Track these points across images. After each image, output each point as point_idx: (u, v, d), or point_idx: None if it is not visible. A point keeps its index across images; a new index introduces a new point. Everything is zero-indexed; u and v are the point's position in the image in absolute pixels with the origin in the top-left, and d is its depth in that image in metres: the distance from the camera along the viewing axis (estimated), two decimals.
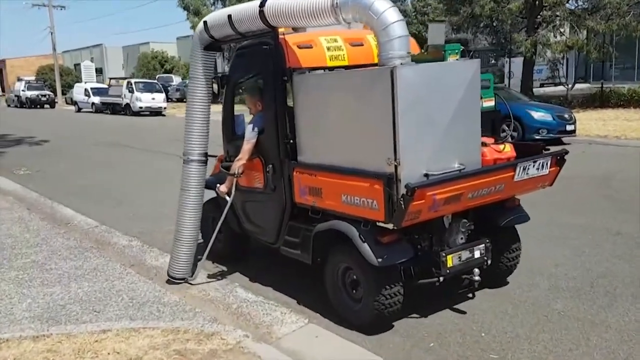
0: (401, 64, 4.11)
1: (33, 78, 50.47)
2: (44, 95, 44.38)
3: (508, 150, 4.89)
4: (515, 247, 5.31)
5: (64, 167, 13.59)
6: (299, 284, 5.63)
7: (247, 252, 6.46)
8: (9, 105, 47.85)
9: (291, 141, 4.95)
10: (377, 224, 4.35)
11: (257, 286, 5.68)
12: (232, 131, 5.78)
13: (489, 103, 5.12)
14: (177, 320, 4.75)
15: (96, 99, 37.85)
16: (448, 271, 4.57)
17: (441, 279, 4.56)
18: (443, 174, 4.24)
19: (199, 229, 5.78)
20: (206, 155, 5.68)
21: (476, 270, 4.74)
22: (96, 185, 11.67)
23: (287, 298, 5.35)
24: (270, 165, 5.14)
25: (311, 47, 5.05)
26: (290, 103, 5.01)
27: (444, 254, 4.55)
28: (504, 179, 4.58)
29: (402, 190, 3.99)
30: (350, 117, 4.45)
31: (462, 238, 4.79)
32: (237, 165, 5.33)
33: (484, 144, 4.78)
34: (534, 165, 4.69)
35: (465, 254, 4.68)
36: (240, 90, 5.85)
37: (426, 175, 4.18)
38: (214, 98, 5.65)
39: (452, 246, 4.72)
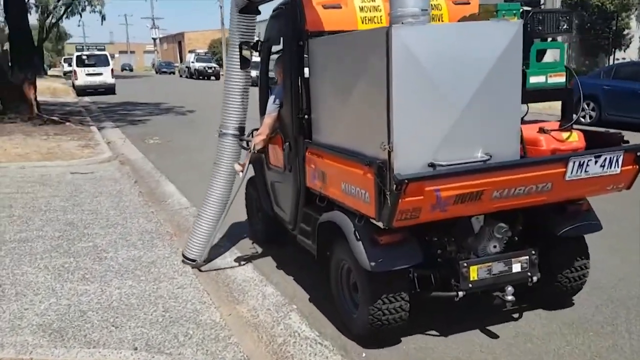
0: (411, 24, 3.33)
1: (203, 51, 52.85)
2: (210, 68, 46.14)
3: (575, 139, 3.93)
4: (581, 265, 4.22)
5: (194, 140, 13.22)
6: None
7: (285, 238, 5.48)
8: (180, 76, 50.67)
9: (306, 117, 4.36)
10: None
11: (318, 314, 4.39)
12: (266, 104, 5.06)
13: (557, 79, 4.00)
14: (200, 354, 3.62)
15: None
16: (470, 285, 3.73)
17: (461, 294, 3.71)
18: (457, 164, 3.39)
19: (225, 208, 5.20)
20: (243, 130, 5.16)
21: (509, 289, 3.81)
22: None
23: (351, 342, 3.99)
24: (287, 143, 4.62)
25: (339, 7, 4.38)
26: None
27: (465, 264, 3.71)
28: (550, 176, 3.56)
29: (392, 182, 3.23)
30: (350, 89, 3.72)
31: (495, 246, 3.87)
32: (256, 140, 4.92)
33: (542, 130, 3.91)
34: (596, 161, 3.61)
35: (497, 267, 3.80)
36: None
37: (432, 165, 3.38)
38: (242, 65, 4.95)
39: (481, 255, 3.84)
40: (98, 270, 5.08)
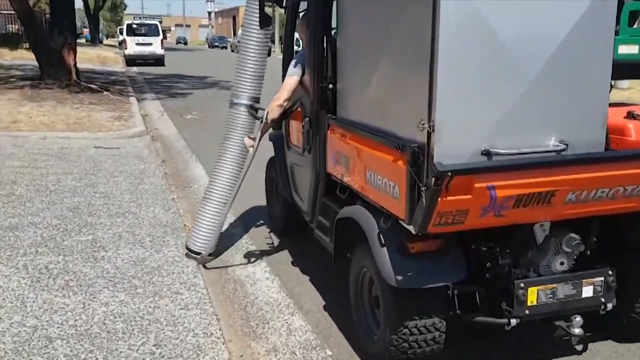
0: None
1: None
2: None
3: None
4: None
5: None
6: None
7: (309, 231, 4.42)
8: (232, 51, 49.89)
9: (330, 87, 3.63)
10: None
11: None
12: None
13: None
14: None
15: None
16: (527, 312, 2.90)
17: (514, 321, 2.88)
18: (521, 154, 2.62)
19: (233, 191, 4.41)
20: (258, 100, 4.34)
21: (577, 319, 2.96)
22: None
23: None
24: (307, 119, 3.88)
25: None
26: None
27: (522, 284, 2.88)
28: None
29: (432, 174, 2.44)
30: (384, 51, 2.95)
31: (563, 263, 3.02)
32: (271, 106, 4.08)
33: (631, 116, 3.30)
34: None
35: (564, 289, 2.96)
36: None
37: (486, 153, 2.59)
38: (262, 23, 4.16)
39: (543, 273, 3.00)
40: (88, 275, 4.08)
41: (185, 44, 74.08)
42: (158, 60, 28.17)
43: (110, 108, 12.20)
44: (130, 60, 28.01)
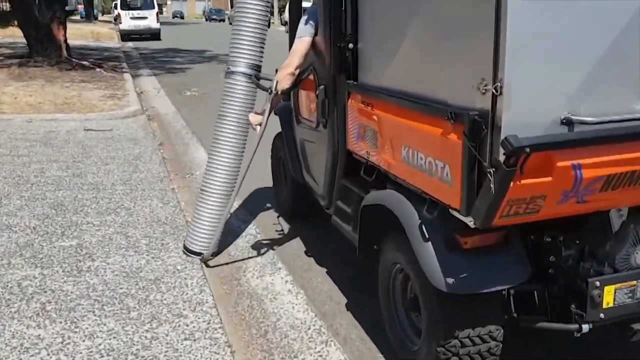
0: None
1: None
2: None
3: None
4: None
5: None
6: None
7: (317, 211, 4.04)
8: (230, 24, 48.54)
9: (350, 46, 2.95)
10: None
11: None
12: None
13: None
14: None
15: None
16: (602, 315, 2.30)
17: (586, 327, 2.30)
18: (612, 122, 2.00)
19: (236, 178, 3.75)
20: (259, 68, 3.65)
21: None
22: None
23: None
24: (322, 87, 3.25)
25: None
26: None
27: (598, 282, 2.28)
28: None
29: (500, 151, 1.90)
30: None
31: None
32: (281, 74, 3.40)
33: None
34: None
35: None
36: None
37: (567, 122, 1.97)
38: None
39: (620, 268, 2.39)
40: (70, 295, 3.32)
41: (182, 17, 72.45)
42: (154, 35, 27.11)
43: (103, 86, 11.34)
44: (125, 35, 26.94)
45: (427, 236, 2.32)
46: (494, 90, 1.92)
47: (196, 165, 6.30)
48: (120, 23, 27.55)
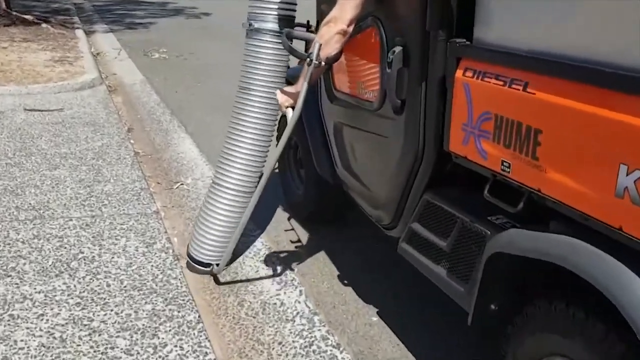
0: None
1: None
2: None
3: None
4: None
5: (215, 55, 9.32)
6: None
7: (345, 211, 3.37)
8: None
9: None
10: None
11: None
12: None
13: None
14: None
15: None
16: None
17: None
18: None
19: (259, 173, 2.78)
20: (292, 23, 2.63)
21: None
22: None
23: None
24: (399, 48, 2.07)
25: None
26: None
27: None
28: None
29: None
30: None
31: None
32: (326, 34, 2.20)
33: None
34: None
35: None
36: None
37: None
38: None
39: None
40: None
41: None
42: None
43: (51, 46, 9.21)
44: None
45: None
46: None
47: (185, 166, 4.48)
48: None
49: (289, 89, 2.49)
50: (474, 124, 1.84)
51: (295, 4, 2.64)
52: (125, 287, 2.73)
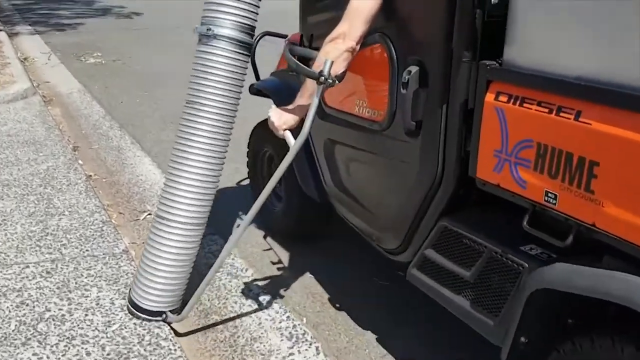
0: None
1: None
2: None
3: None
4: None
5: (154, 58, 8.72)
6: None
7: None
8: None
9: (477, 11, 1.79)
10: None
11: None
12: None
13: None
14: None
15: None
16: None
17: None
18: None
19: (211, 200, 2.46)
20: (252, 30, 2.36)
21: None
22: None
23: None
24: (415, 68, 1.97)
25: None
26: None
27: None
28: None
29: None
30: None
31: None
32: (334, 51, 1.99)
33: None
34: None
35: None
36: None
37: None
38: None
39: None
40: None
41: None
42: None
43: None
44: None
45: None
46: None
47: (149, 191, 4.02)
48: None
49: (285, 108, 2.21)
50: (510, 152, 1.75)
51: (257, 12, 2.39)
52: (108, 355, 2.29)
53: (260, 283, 2.92)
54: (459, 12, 1.84)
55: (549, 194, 1.67)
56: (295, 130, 2.16)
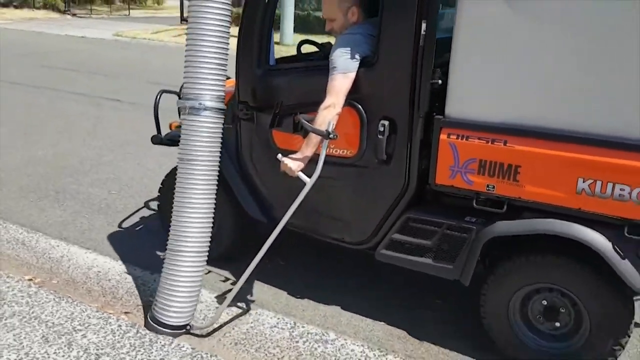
0: None
1: None
2: None
3: None
4: None
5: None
6: None
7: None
8: None
9: (439, 82, 2.94)
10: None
11: None
12: (266, 56, 3.44)
13: None
14: None
15: None
16: None
17: None
18: None
19: (209, 234, 3.20)
20: (224, 97, 3.16)
21: None
22: (68, 157, 6.15)
23: None
24: (385, 123, 3.07)
25: None
26: None
27: None
28: None
29: None
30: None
31: None
32: (327, 118, 2.95)
33: None
34: None
35: None
36: None
37: None
38: None
39: None
40: None
41: None
42: None
43: None
44: None
45: (622, 255, 2.63)
46: None
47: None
48: None
49: (294, 156, 3.03)
50: (461, 166, 2.86)
51: (223, 85, 3.07)
52: None
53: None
54: (418, 87, 2.88)
55: (489, 186, 2.82)
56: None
